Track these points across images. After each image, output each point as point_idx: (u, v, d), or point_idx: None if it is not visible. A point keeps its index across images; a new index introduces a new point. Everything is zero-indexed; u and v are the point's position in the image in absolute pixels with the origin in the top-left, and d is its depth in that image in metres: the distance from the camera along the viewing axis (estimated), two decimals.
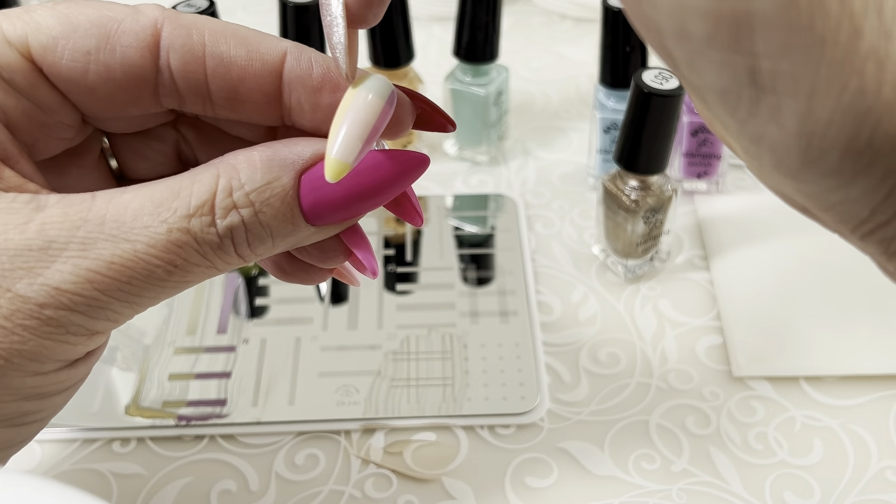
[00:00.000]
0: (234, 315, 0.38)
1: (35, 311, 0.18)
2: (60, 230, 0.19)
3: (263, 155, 0.20)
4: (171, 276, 0.20)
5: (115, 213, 0.19)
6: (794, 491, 0.32)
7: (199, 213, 0.20)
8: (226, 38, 0.21)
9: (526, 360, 0.36)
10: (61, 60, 0.20)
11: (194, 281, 0.21)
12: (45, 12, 0.20)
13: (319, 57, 0.21)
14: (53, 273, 0.18)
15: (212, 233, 0.20)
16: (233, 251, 0.20)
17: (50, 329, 0.19)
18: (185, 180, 0.20)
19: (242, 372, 0.36)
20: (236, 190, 0.20)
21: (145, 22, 0.20)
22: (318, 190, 0.20)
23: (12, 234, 0.18)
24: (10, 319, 0.18)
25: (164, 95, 0.22)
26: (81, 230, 0.19)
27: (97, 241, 0.19)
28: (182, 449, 0.33)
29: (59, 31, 0.20)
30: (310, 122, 0.22)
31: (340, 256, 0.23)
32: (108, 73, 0.20)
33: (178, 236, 0.19)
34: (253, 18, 0.63)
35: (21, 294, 0.18)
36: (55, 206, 0.19)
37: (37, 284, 0.18)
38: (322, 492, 0.32)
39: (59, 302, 0.19)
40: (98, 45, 0.20)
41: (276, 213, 0.20)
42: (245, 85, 0.21)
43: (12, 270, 0.18)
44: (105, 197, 0.19)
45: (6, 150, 0.20)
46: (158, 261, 0.19)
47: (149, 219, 0.19)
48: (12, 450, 0.21)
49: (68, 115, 0.21)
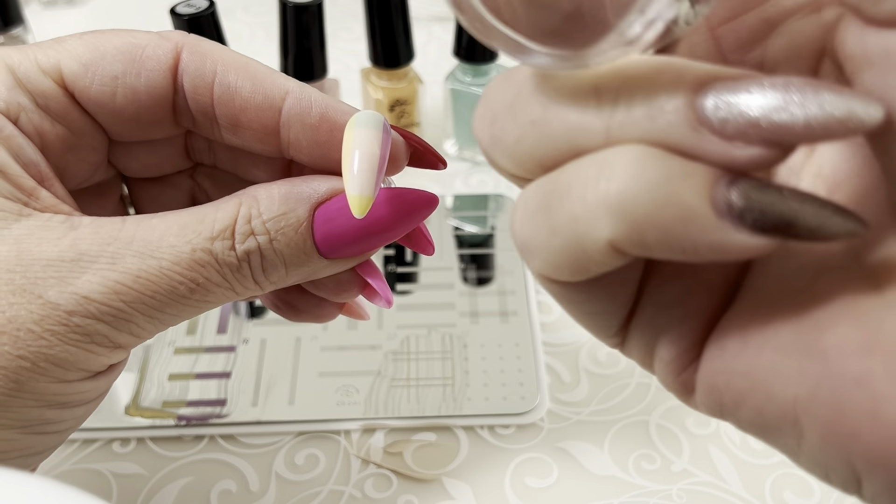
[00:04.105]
0: (234, 315, 0.38)
1: (63, 318, 0.19)
2: (92, 244, 0.20)
3: (282, 189, 0.22)
4: (193, 294, 0.21)
5: (143, 234, 0.20)
6: (794, 491, 0.32)
7: (222, 237, 0.21)
8: (236, 69, 0.22)
9: (526, 360, 0.36)
10: (91, 85, 0.22)
11: (214, 302, 0.22)
12: (75, 41, 0.22)
13: (319, 97, 0.23)
14: (83, 283, 0.19)
15: (231, 255, 0.21)
16: (249, 275, 0.22)
17: (76, 337, 0.20)
18: (210, 208, 0.22)
19: (242, 372, 0.36)
20: (255, 218, 0.21)
21: (167, 47, 0.22)
22: (331, 222, 0.22)
23: (46, 247, 0.20)
24: (40, 324, 0.19)
25: (181, 115, 0.23)
26: (112, 246, 0.20)
27: (126, 256, 0.20)
28: (182, 449, 0.33)
29: (88, 58, 0.22)
30: (307, 157, 0.23)
31: (355, 289, 0.25)
32: (134, 95, 0.22)
33: (202, 256, 0.21)
34: (253, 19, 0.63)
35: (51, 301, 0.19)
36: (88, 225, 0.20)
37: (67, 293, 0.19)
38: (322, 492, 0.32)
39: (87, 311, 0.19)
40: (125, 70, 0.22)
41: (289, 241, 0.22)
42: (246, 115, 0.22)
43: (45, 279, 0.19)
44: (134, 220, 0.21)
45: (41, 173, 0.21)
46: (182, 278, 0.20)
47: (175, 239, 0.20)
48: (31, 459, 0.21)
49: (96, 139, 0.23)
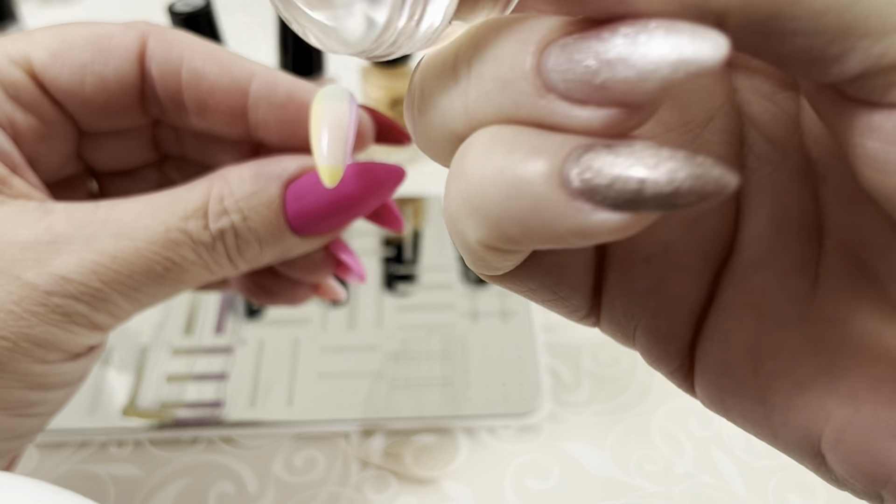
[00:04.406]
0: (232, 315, 0.38)
1: (43, 298, 0.20)
2: (67, 227, 0.20)
3: (252, 169, 0.22)
4: (169, 273, 0.21)
5: (117, 216, 0.21)
6: (797, 493, 0.31)
7: (195, 217, 0.21)
8: (203, 54, 0.23)
9: (526, 360, 0.36)
10: (61, 74, 0.22)
11: (189, 281, 0.22)
12: (44, 33, 0.23)
13: (286, 78, 0.23)
14: (60, 264, 0.20)
15: (206, 234, 0.22)
16: (224, 254, 0.22)
17: (56, 317, 0.20)
18: (182, 190, 0.22)
19: (241, 373, 0.35)
20: (227, 198, 0.22)
21: (133, 35, 0.23)
22: (302, 199, 0.22)
23: (22, 230, 0.20)
24: (20, 305, 0.20)
25: (149, 103, 0.24)
26: (86, 228, 0.20)
27: (101, 237, 0.20)
28: (180, 451, 0.33)
29: (57, 48, 0.22)
30: (276, 137, 0.24)
31: (327, 268, 0.25)
32: (102, 83, 0.23)
33: (176, 235, 0.21)
34: (252, 18, 0.62)
35: (30, 282, 0.20)
36: (62, 210, 0.21)
37: (45, 273, 0.20)
38: (321, 493, 0.32)
39: (65, 290, 0.20)
40: (93, 59, 0.22)
41: (262, 219, 0.22)
42: (213, 98, 0.23)
43: (22, 261, 0.20)
44: (107, 204, 0.21)
45: (14, 161, 0.22)
46: (158, 256, 0.21)
47: (149, 220, 0.21)
48: (13, 443, 0.22)
49: (66, 130, 0.24)
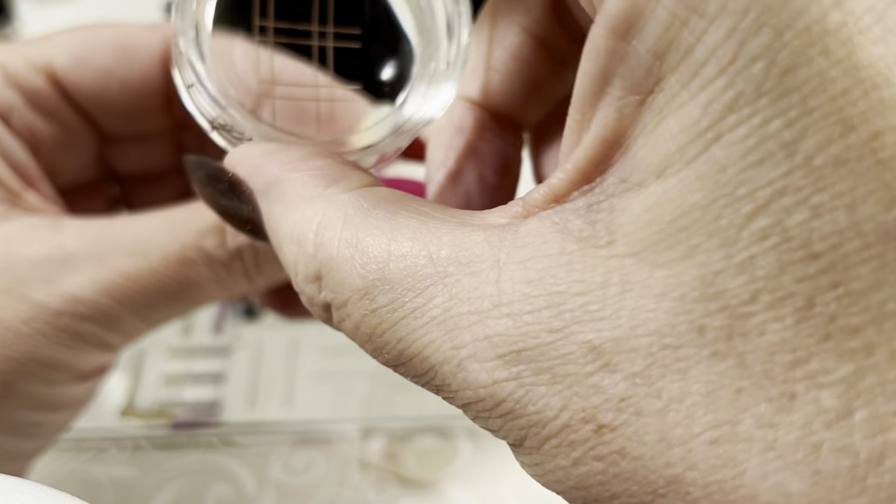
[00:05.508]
0: (231, 316, 0.38)
1: (51, 319, 0.19)
2: (79, 244, 0.20)
3: None
4: (185, 291, 0.21)
5: (131, 233, 0.20)
6: None
7: (212, 234, 0.21)
8: None
9: None
10: (84, 79, 0.22)
11: (206, 298, 0.21)
12: (65, 37, 0.22)
13: None
14: (72, 283, 0.19)
15: (223, 252, 0.21)
16: (241, 271, 0.21)
17: (66, 337, 0.19)
18: (199, 205, 0.21)
19: (239, 373, 0.35)
20: None
21: (158, 37, 0.22)
22: None
23: (33, 247, 0.19)
24: (28, 325, 0.19)
25: (173, 106, 0.23)
26: (100, 246, 0.20)
27: (114, 255, 0.20)
28: (178, 452, 0.33)
29: (79, 53, 0.22)
30: None
31: None
32: (126, 87, 0.22)
33: (192, 254, 0.20)
34: None
35: (40, 301, 0.19)
36: (75, 227, 0.20)
37: (55, 293, 0.19)
38: (320, 495, 0.31)
39: (77, 310, 0.19)
40: (117, 62, 0.22)
41: None
42: None
43: (33, 279, 0.19)
44: (122, 220, 0.21)
45: (30, 174, 0.21)
46: (173, 275, 0.20)
47: (164, 237, 0.20)
48: (17, 463, 0.21)
49: (88, 136, 0.23)
